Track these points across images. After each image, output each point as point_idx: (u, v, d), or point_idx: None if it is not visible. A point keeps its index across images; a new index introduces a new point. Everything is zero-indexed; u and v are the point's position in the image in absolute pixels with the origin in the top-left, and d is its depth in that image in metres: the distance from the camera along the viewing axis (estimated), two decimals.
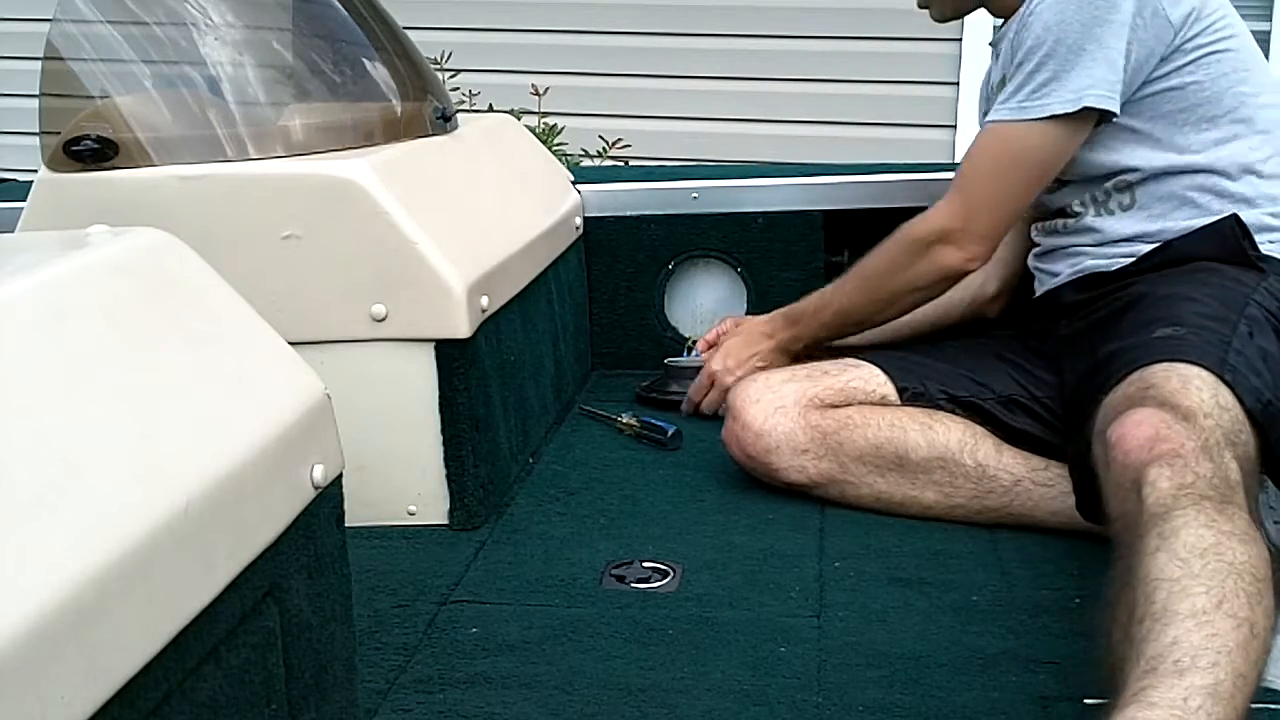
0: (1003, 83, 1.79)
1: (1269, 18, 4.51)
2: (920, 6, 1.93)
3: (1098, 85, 1.67)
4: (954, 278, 1.82)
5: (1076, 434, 1.57)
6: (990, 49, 1.92)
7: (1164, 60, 1.69)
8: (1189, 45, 1.69)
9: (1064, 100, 1.68)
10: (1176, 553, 1.15)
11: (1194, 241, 1.70)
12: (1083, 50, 1.67)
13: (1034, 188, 1.77)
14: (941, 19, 1.93)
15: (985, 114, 1.86)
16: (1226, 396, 1.39)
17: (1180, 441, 1.28)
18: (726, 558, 1.64)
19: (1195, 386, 1.38)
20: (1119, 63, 1.67)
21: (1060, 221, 1.84)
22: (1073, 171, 1.78)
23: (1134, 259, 1.74)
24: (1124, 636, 1.14)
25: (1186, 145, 1.72)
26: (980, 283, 2.00)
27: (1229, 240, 1.68)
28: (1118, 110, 1.69)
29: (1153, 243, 1.73)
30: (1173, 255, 1.70)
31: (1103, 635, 1.19)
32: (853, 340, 1.99)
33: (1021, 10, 1.75)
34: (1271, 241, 1.70)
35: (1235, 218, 1.68)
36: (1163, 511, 1.21)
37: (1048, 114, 1.69)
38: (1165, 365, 1.42)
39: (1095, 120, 1.71)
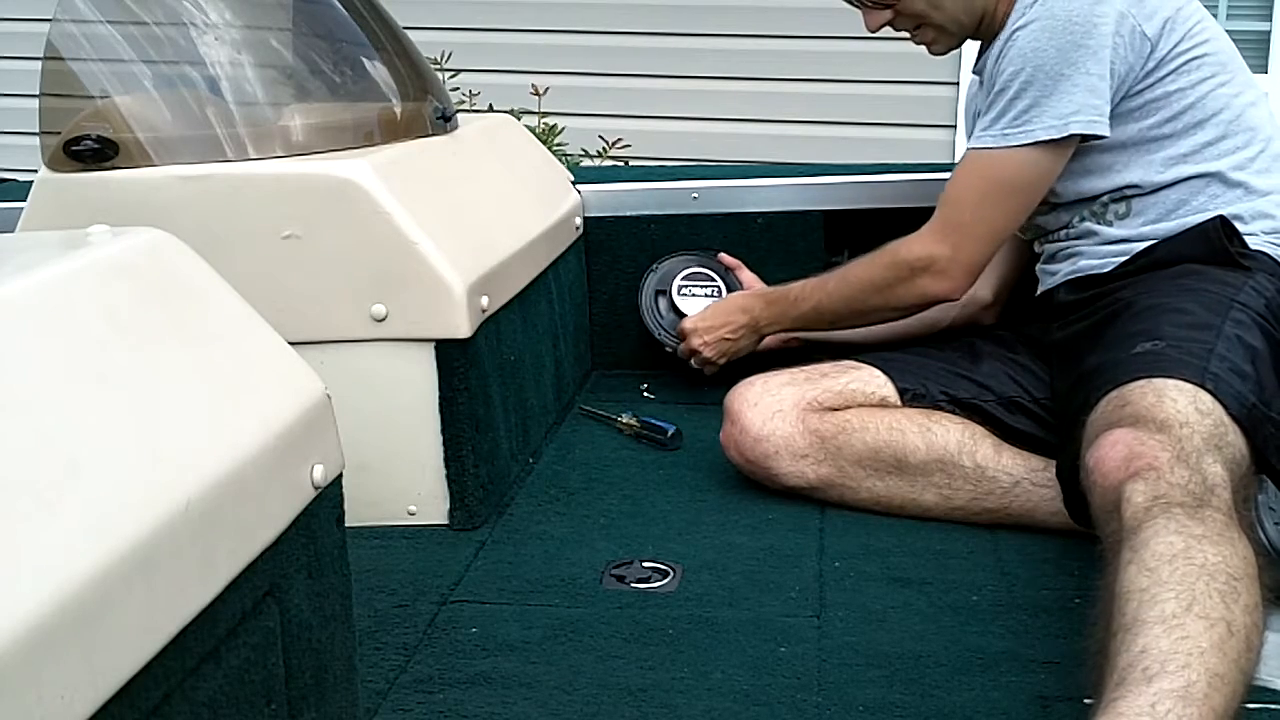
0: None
1: (1269, 18, 4.51)
2: (918, 43, 1.91)
3: (1083, 110, 1.67)
4: (933, 304, 1.84)
5: (1063, 451, 1.57)
6: (974, 75, 1.91)
7: (1147, 74, 1.70)
8: (1168, 55, 1.70)
9: (1048, 126, 1.68)
10: (1145, 563, 1.16)
11: (1180, 243, 1.70)
12: (1062, 76, 1.67)
13: (1022, 214, 1.78)
14: (943, 53, 1.92)
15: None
16: (1207, 402, 1.39)
17: (1155, 454, 1.28)
18: (726, 558, 1.64)
19: (1171, 398, 1.38)
20: (1101, 86, 1.67)
21: (1061, 230, 1.84)
22: (1066, 194, 1.78)
23: (1126, 257, 1.74)
24: (1101, 651, 1.14)
25: (1177, 154, 1.72)
26: (973, 290, 2.00)
27: (1214, 241, 1.68)
28: (1107, 133, 1.69)
29: (1147, 242, 1.73)
30: (1160, 258, 1.71)
31: (1088, 655, 1.19)
32: (851, 340, 1.99)
33: (1002, 36, 1.75)
34: (1267, 232, 1.70)
35: (1220, 218, 1.69)
36: (1136, 525, 1.21)
37: (1032, 140, 1.69)
38: (1142, 382, 1.42)
39: (1078, 142, 1.71)
